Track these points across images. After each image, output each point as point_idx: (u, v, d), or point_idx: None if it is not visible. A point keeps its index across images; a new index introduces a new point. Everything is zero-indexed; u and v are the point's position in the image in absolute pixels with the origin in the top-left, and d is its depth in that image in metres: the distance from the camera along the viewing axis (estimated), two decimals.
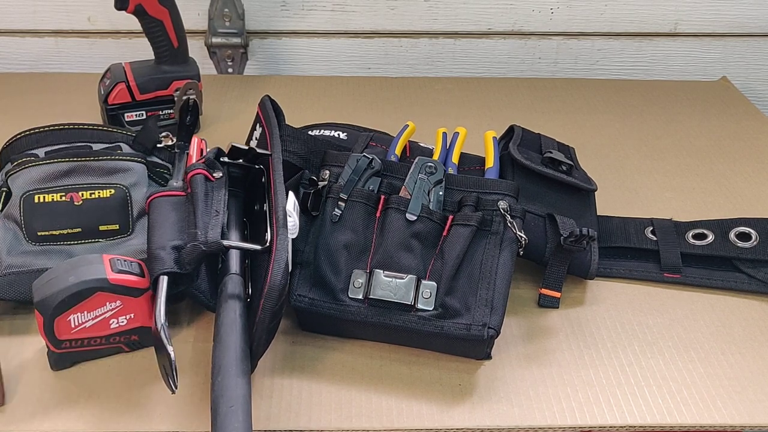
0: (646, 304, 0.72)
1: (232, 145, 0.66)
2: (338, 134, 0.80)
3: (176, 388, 0.53)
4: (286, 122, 0.75)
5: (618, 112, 1.09)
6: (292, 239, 0.62)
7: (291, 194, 0.63)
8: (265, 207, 0.64)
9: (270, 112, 0.72)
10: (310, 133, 0.79)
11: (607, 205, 0.82)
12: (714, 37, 1.22)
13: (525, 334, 0.68)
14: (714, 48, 1.23)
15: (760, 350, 0.67)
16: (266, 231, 0.62)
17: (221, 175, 0.64)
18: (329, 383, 0.61)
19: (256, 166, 0.68)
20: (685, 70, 1.25)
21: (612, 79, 1.23)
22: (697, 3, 1.18)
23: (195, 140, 0.74)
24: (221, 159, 0.66)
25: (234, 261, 0.61)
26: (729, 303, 0.73)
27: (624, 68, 1.24)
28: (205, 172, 0.64)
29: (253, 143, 0.76)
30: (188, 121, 0.71)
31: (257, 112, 0.76)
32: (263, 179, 0.67)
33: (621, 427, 0.60)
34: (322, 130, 0.82)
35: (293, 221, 0.61)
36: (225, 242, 0.59)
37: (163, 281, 0.57)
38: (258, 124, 0.75)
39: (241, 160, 0.67)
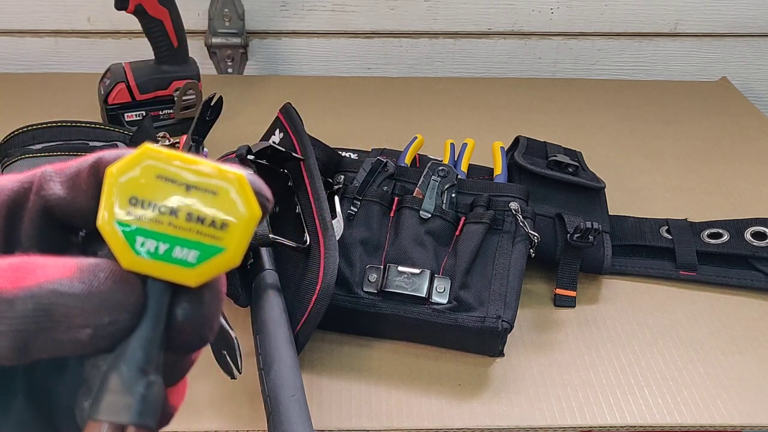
0: (646, 304, 0.72)
1: (270, 146, 0.66)
2: (349, 155, 0.82)
3: (241, 372, 0.54)
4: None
5: (618, 112, 1.09)
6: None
7: (336, 198, 0.67)
8: (297, 209, 0.66)
9: (296, 119, 0.74)
10: None
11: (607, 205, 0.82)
12: (714, 37, 1.22)
13: (525, 334, 0.68)
14: (714, 48, 1.23)
15: (760, 350, 0.67)
16: (303, 232, 0.64)
17: (253, 172, 0.65)
18: (328, 383, 0.61)
19: (282, 170, 0.69)
20: (685, 70, 1.25)
21: (612, 79, 1.23)
22: (697, 3, 1.18)
23: (183, 137, 0.75)
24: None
25: (267, 257, 0.63)
26: (729, 303, 0.73)
27: (624, 68, 1.24)
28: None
29: None
30: (209, 116, 0.73)
31: (278, 118, 0.77)
32: (289, 183, 0.69)
33: (621, 427, 0.60)
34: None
35: (339, 224, 0.64)
36: (272, 237, 0.61)
37: None
38: (279, 130, 0.76)
39: (265, 161, 0.67)
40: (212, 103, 0.72)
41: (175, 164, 0.20)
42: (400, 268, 0.65)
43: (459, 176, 0.75)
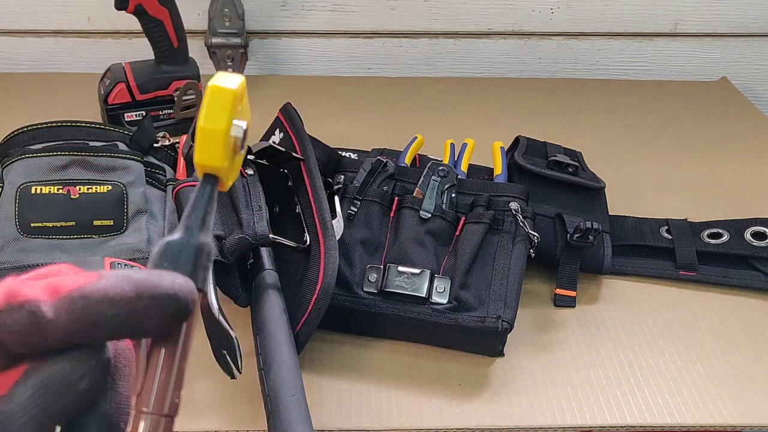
0: (646, 304, 0.72)
1: (270, 146, 0.66)
2: (349, 155, 0.82)
3: (241, 372, 0.54)
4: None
5: (618, 112, 1.09)
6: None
7: (336, 198, 0.67)
8: (298, 209, 0.66)
9: (296, 119, 0.74)
10: None
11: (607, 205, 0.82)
12: (714, 37, 1.22)
13: (525, 334, 0.68)
14: (714, 48, 1.23)
15: (760, 350, 0.67)
16: (303, 232, 0.64)
17: (252, 172, 0.66)
18: (328, 383, 0.61)
19: (282, 170, 0.69)
20: (685, 70, 1.25)
21: (612, 79, 1.23)
22: (697, 3, 1.18)
23: (183, 137, 0.75)
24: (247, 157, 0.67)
25: (267, 257, 0.62)
26: (729, 303, 0.73)
27: (624, 68, 1.24)
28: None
29: None
30: None
31: (278, 118, 0.77)
32: (289, 183, 0.69)
33: (621, 427, 0.60)
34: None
35: (339, 224, 0.64)
36: (272, 237, 0.61)
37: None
38: (279, 130, 0.76)
39: (265, 161, 0.67)
40: None
41: None
42: (400, 268, 0.65)
43: (459, 176, 0.75)
